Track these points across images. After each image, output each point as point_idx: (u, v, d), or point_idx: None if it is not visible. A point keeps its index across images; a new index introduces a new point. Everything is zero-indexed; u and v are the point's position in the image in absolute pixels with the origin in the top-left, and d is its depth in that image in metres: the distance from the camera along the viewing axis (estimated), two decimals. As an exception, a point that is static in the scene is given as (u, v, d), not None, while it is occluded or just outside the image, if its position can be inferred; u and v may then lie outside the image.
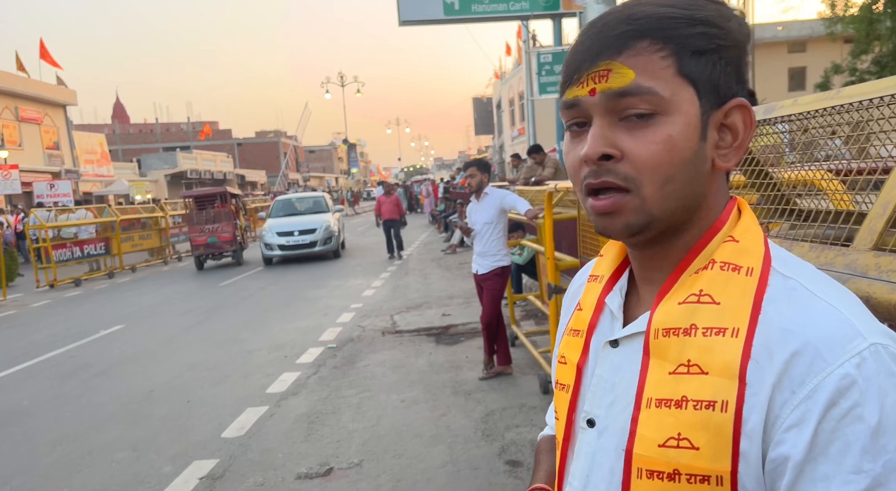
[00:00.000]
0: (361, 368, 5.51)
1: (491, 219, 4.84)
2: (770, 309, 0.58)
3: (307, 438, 4.06)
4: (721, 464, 0.56)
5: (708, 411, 0.57)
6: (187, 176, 40.08)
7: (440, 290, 9.16)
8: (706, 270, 0.62)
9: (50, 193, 21.52)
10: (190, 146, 48.32)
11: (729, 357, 0.57)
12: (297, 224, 13.59)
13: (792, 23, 29.37)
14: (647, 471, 0.60)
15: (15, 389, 5.67)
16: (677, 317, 0.61)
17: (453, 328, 6.70)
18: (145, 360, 6.37)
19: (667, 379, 0.60)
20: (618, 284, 0.71)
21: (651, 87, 0.59)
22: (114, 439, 4.26)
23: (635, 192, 0.60)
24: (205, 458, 3.83)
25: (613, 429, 0.65)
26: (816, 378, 0.53)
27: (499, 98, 41.51)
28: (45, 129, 26.86)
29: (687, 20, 0.59)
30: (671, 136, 0.59)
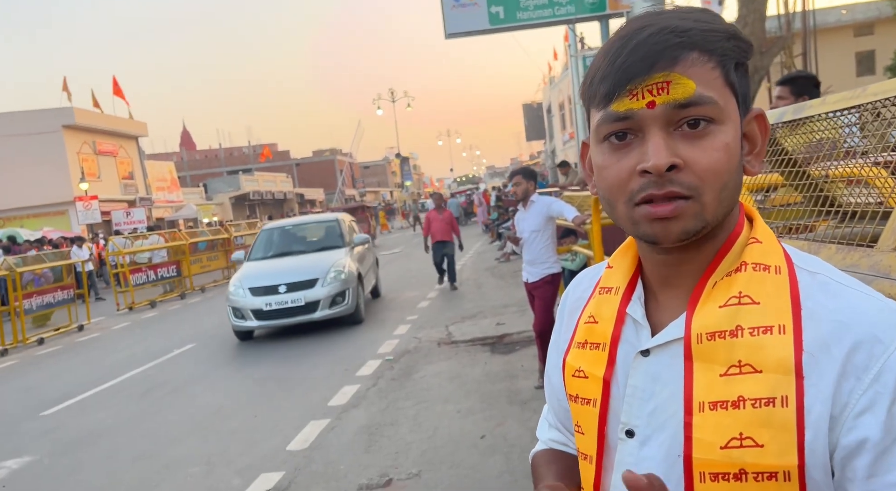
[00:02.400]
0: (418, 380, 5.59)
1: (538, 227, 4.83)
2: (810, 303, 0.60)
3: (367, 449, 4.15)
4: (788, 459, 0.57)
5: (768, 408, 0.58)
6: (250, 197, 41.65)
7: (494, 299, 9.15)
8: (740, 272, 0.63)
9: (126, 221, 22.88)
10: (251, 169, 50.24)
11: (782, 353, 0.59)
12: (286, 272, 8.23)
13: (856, 5, 27.87)
14: (710, 474, 0.60)
15: (99, 408, 6.05)
16: (720, 320, 0.62)
17: (508, 337, 6.69)
18: (214, 377, 6.67)
19: (718, 381, 0.61)
20: (635, 293, 0.71)
21: (711, 97, 0.60)
22: (188, 454, 4.48)
23: (696, 199, 0.61)
24: (271, 470, 3.97)
25: (661, 437, 0.65)
26: (879, 362, 0.56)
27: (548, 103, 41.21)
28: (121, 160, 28.59)
29: (724, 34, 0.62)
30: (728, 144, 0.61)
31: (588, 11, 15.98)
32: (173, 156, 53.35)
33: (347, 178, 60.05)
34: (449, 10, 14.37)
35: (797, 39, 14.54)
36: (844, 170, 1.45)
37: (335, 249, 9.04)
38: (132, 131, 29.68)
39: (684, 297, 0.67)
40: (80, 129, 25.48)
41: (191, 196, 36.40)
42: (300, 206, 48.46)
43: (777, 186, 1.56)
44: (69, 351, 9.34)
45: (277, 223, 10.79)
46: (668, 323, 0.67)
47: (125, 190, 28.38)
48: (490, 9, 15.17)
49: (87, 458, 4.70)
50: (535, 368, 5.24)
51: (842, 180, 1.43)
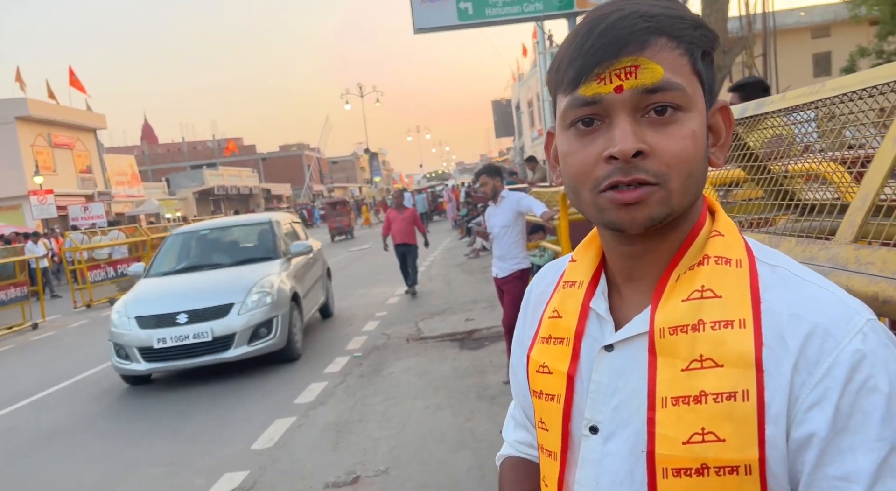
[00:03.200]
0: (387, 376, 5.56)
1: (508, 222, 4.85)
2: (769, 296, 0.60)
3: (335, 447, 4.11)
4: (749, 452, 0.57)
5: (729, 402, 0.58)
6: (214, 192, 40.88)
7: (463, 294, 9.17)
8: (702, 265, 0.63)
9: (84, 216, 22.21)
10: (216, 163, 49.30)
11: (742, 347, 0.58)
12: (191, 294, 6.13)
13: (814, 7, 28.75)
14: (672, 470, 0.60)
15: (57, 407, 5.86)
16: (683, 314, 0.61)
17: (477, 333, 6.71)
18: (177, 376, 6.51)
19: (680, 376, 0.60)
20: (599, 287, 0.70)
21: (679, 83, 0.59)
22: (149, 454, 4.37)
23: (662, 186, 0.60)
24: (235, 470, 3.90)
25: (624, 433, 0.64)
26: (829, 357, 0.56)
27: (517, 100, 41.45)
28: (78, 153, 27.71)
29: (691, 22, 0.61)
30: (695, 132, 0.60)
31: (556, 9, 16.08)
32: (134, 149, 51.98)
33: (315, 174, 59.42)
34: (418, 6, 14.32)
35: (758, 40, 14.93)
36: (803, 165, 1.48)
37: (264, 261, 6.75)
38: (90, 123, 28.79)
39: (648, 290, 0.66)
40: (34, 121, 24.60)
41: (152, 191, 35.53)
42: (266, 202, 47.77)
43: (739, 182, 1.59)
44: (23, 350, 9.03)
45: (192, 227, 8.20)
46: (631, 317, 0.66)
47: (83, 184, 27.52)
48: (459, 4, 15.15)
49: (45, 458, 4.55)
50: (504, 363, 5.26)
51: (800, 176, 1.47)
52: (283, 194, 53.30)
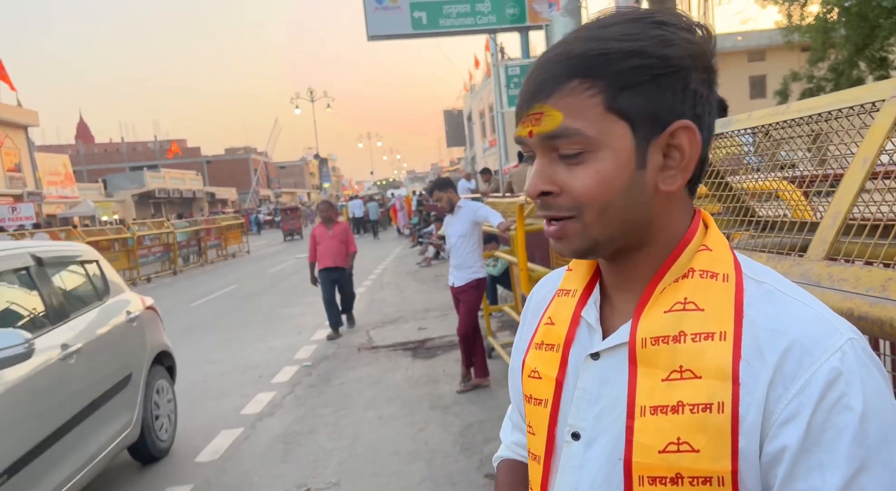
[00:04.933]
0: (337, 386, 5.46)
1: (465, 231, 4.86)
2: (752, 311, 0.61)
3: (284, 459, 3.99)
4: (722, 464, 0.58)
5: (705, 414, 0.58)
6: (155, 195, 39.46)
7: (416, 303, 9.14)
8: (687, 278, 0.64)
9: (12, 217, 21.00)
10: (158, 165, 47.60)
11: (720, 360, 0.59)
12: None
13: (751, 32, 30.29)
14: (648, 478, 0.61)
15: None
16: (665, 325, 0.62)
17: (430, 342, 6.68)
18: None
19: (660, 386, 0.61)
20: (591, 297, 0.72)
21: (578, 129, 0.61)
22: (83, 469, 4.12)
23: (578, 218, 0.63)
24: (178, 484, 3.74)
25: (604, 440, 0.65)
26: (807, 373, 0.56)
27: (469, 110, 41.83)
28: (6, 151, 26.19)
29: (621, 54, 0.60)
30: (599, 171, 0.62)
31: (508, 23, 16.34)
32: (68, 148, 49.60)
33: (262, 178, 58.19)
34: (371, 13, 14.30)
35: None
36: (761, 183, 1.53)
37: None
38: (20, 120, 27.27)
39: (636, 301, 0.67)
40: (-41, 115, 23.13)
41: (88, 192, 33.98)
42: (210, 206, 46.42)
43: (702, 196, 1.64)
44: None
45: None
46: (619, 327, 0.68)
47: (11, 183, 26.01)
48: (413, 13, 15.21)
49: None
50: (458, 372, 5.26)
51: (760, 193, 1.52)
52: (229, 198, 51.92)
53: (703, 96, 0.64)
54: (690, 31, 0.63)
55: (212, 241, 20.50)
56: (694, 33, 0.63)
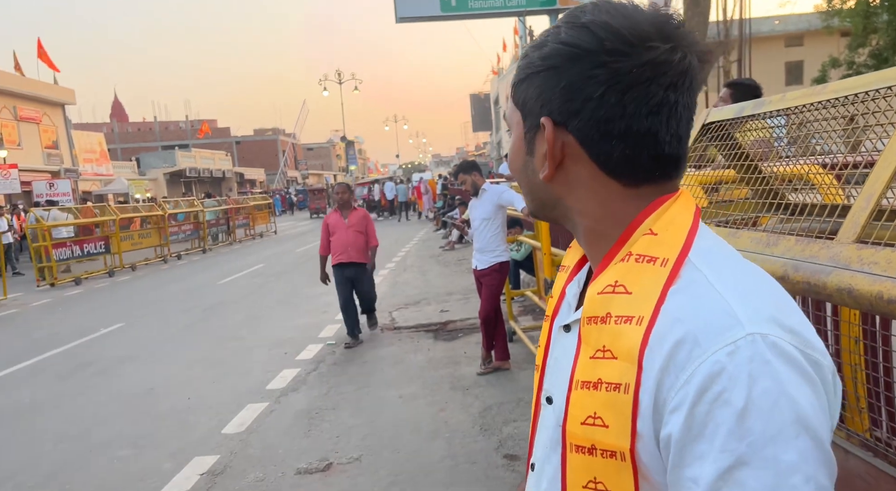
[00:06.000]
0: (360, 365, 5.54)
1: (488, 215, 4.85)
2: (671, 299, 0.61)
3: (307, 433, 4.08)
4: (622, 441, 0.61)
5: (615, 393, 0.62)
6: (186, 174, 40.05)
7: (438, 286, 9.18)
8: (623, 262, 0.66)
9: (49, 193, 21.52)
10: (189, 145, 48.26)
11: (631, 343, 0.61)
12: None
13: (789, 16, 29.35)
14: (575, 446, 0.66)
15: (17, 386, 5.69)
16: (597, 305, 0.66)
17: (451, 324, 6.72)
18: (145, 357, 6.39)
19: (589, 363, 0.65)
20: (578, 274, 0.78)
21: (506, 113, 0.76)
22: (115, 437, 4.28)
23: None
24: (205, 454, 3.85)
25: (558, 406, 0.71)
26: (693, 365, 0.57)
27: (496, 94, 41.45)
28: (44, 128, 26.82)
29: (525, 61, 0.70)
30: (510, 148, 0.74)
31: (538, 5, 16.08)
32: (103, 127, 50.53)
33: (290, 160, 58.64)
34: (402, -6, 14.18)
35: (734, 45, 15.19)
36: (792, 167, 1.50)
37: None
38: (58, 98, 27.88)
39: None
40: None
41: (122, 170, 34.65)
42: (239, 186, 47.00)
43: (731, 181, 1.61)
44: (-17, 328, 8.74)
45: None
46: None
47: (49, 160, 26.67)
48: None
49: (6, 437, 4.42)
50: (478, 354, 5.29)
51: (791, 177, 1.49)
52: (257, 179, 52.51)
53: (581, 91, 0.64)
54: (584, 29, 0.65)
55: (240, 220, 20.81)
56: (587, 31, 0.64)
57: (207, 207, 18.65)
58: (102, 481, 3.61)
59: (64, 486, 3.59)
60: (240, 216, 20.78)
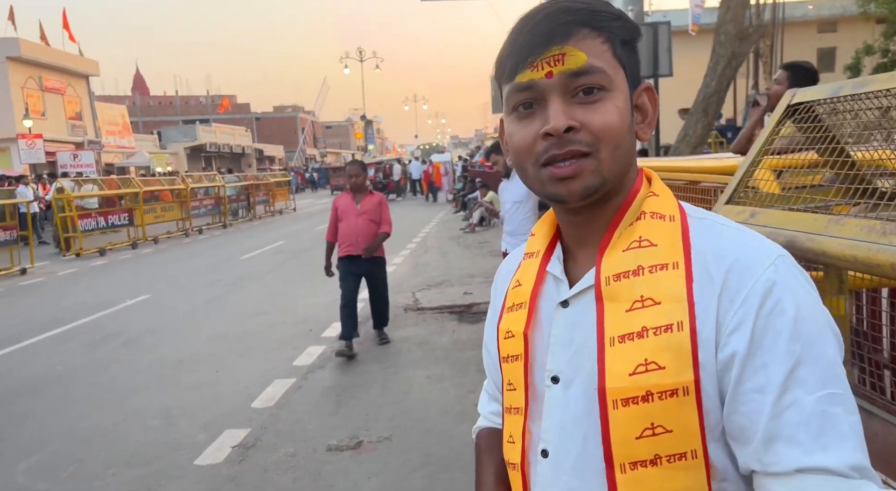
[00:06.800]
0: (385, 344, 5.54)
1: (520, 197, 4.79)
2: (697, 242, 0.69)
3: (336, 410, 4.09)
4: (685, 375, 0.65)
5: (667, 334, 0.66)
6: (206, 149, 40.24)
7: (461, 268, 9.15)
8: (640, 220, 0.72)
9: (73, 163, 21.79)
10: (209, 119, 48.43)
11: (675, 285, 0.67)
12: None
13: (823, 1, 28.51)
14: (621, 401, 0.67)
15: (48, 354, 5.78)
16: (624, 262, 0.70)
17: (476, 307, 6.69)
18: (172, 330, 6.46)
19: (625, 317, 0.68)
20: (554, 253, 0.79)
21: (602, 67, 0.69)
22: (146, 406, 4.33)
23: (594, 156, 0.69)
24: (236, 427, 3.88)
25: (580, 377, 0.71)
26: (747, 286, 0.65)
27: (519, 76, 41.03)
28: (69, 99, 27.03)
29: (610, 15, 0.71)
30: (618, 108, 0.70)
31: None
32: (125, 99, 50.78)
33: (309, 137, 58.66)
34: (428, -31, 13.97)
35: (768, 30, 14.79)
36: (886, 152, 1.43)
37: None
38: (82, 69, 28.05)
39: (594, 253, 0.74)
40: (25, 63, 23.90)
41: (143, 143, 34.90)
42: (258, 163, 47.16)
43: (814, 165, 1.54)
44: (12, 294, 8.89)
45: None
46: (582, 277, 0.75)
47: (72, 131, 26.92)
48: (470, -29, 14.79)
49: (40, 404, 4.49)
50: (504, 337, 5.26)
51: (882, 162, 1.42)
52: (276, 156, 52.63)
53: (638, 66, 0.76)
54: None
55: (260, 197, 20.90)
56: None
57: (228, 183, 18.74)
58: (137, 449, 3.65)
59: (99, 453, 3.64)
60: (259, 193, 20.86)
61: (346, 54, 44.41)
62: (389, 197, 25.65)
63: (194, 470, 3.37)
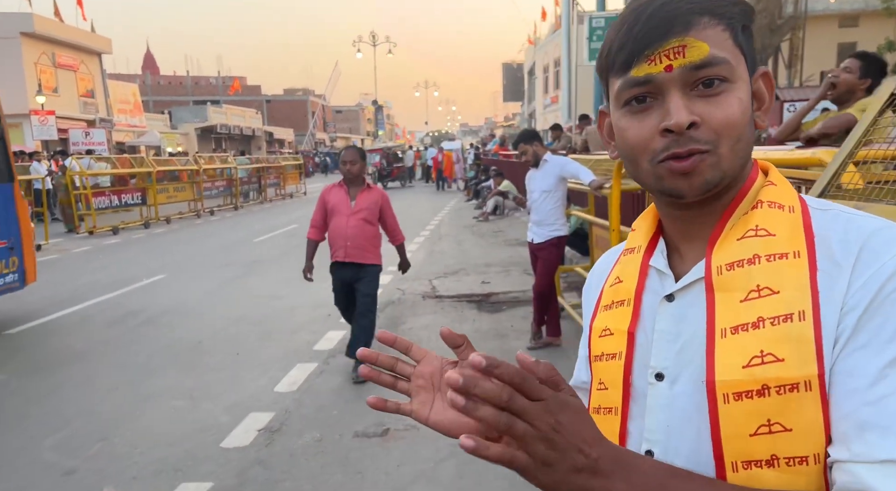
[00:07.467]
0: (406, 331, 5.51)
1: (549, 187, 4.72)
2: (821, 231, 0.66)
3: (359, 396, 4.07)
4: (808, 368, 0.61)
5: (786, 324, 0.62)
6: (217, 130, 40.18)
7: (476, 257, 9.09)
8: (756, 209, 0.69)
9: (85, 141, 21.78)
10: (220, 101, 48.30)
11: (797, 274, 0.64)
12: None
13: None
14: (734, 394, 0.63)
15: (67, 332, 5.78)
16: (739, 251, 0.67)
17: (494, 296, 6.65)
18: (190, 310, 6.44)
19: (739, 307, 0.65)
20: (657, 248, 0.76)
21: (724, 57, 0.65)
22: (168, 386, 4.32)
23: (713, 152, 0.65)
24: (260, 410, 3.86)
25: (688, 372, 0.68)
26: (871, 269, 0.61)
27: (531, 64, 40.59)
28: (81, 76, 26.98)
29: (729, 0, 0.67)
30: (741, 99, 0.66)
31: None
32: (136, 78, 50.66)
33: (319, 121, 58.47)
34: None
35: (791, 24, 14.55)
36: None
37: None
38: (95, 46, 27.96)
39: (702, 247, 0.72)
40: (39, 39, 23.83)
41: (154, 123, 34.87)
42: (268, 146, 47.08)
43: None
44: (27, 272, 8.89)
45: None
46: (688, 272, 0.71)
47: (84, 108, 26.89)
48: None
49: (61, 381, 4.49)
50: (526, 329, 5.22)
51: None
52: (286, 139, 52.52)
53: None
54: None
55: (271, 179, 20.86)
56: None
57: (240, 165, 18.71)
58: (162, 430, 3.64)
59: (124, 432, 3.63)
60: (270, 175, 20.81)
61: (359, 38, 44.11)
62: (391, 185, 25.40)
63: (221, 452, 3.35)
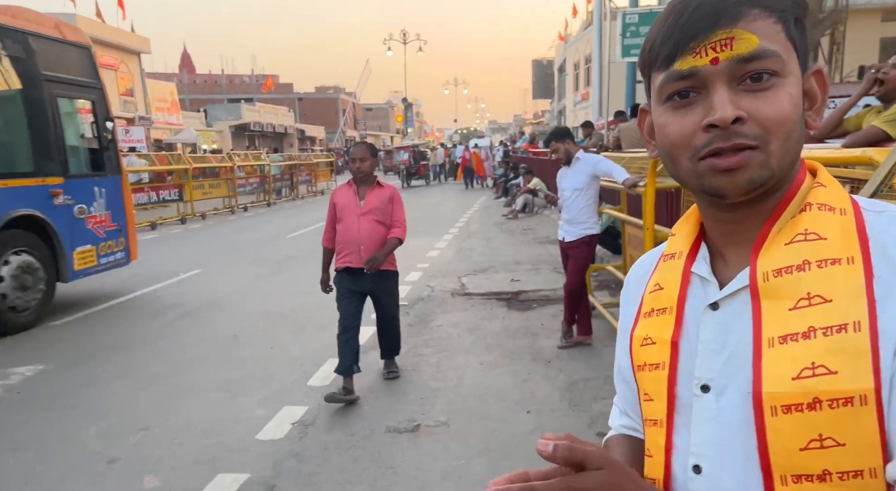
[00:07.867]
0: (435, 328, 5.54)
1: (581, 185, 4.69)
2: (876, 235, 0.62)
3: (391, 393, 4.12)
4: (863, 382, 0.58)
5: (840, 335, 0.59)
6: (250, 128, 40.82)
7: (506, 255, 9.08)
8: (805, 212, 0.65)
9: (125, 139, 22.31)
10: (253, 99, 49.08)
11: (852, 281, 0.60)
12: None
13: (891, -11, 27.06)
14: (782, 407, 0.60)
15: (108, 324, 5.97)
16: (787, 256, 0.63)
17: (524, 294, 6.64)
18: (225, 304, 6.59)
19: (788, 316, 0.62)
20: (699, 254, 0.73)
21: (775, 50, 0.62)
22: (206, 379, 4.43)
23: (762, 149, 0.62)
24: (294, 404, 3.94)
25: (735, 384, 0.65)
26: None
27: (562, 61, 40.22)
28: (121, 75, 27.67)
29: None
30: (792, 95, 0.63)
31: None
32: (173, 77, 51.75)
33: (350, 119, 58.96)
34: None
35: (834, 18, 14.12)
36: None
37: None
38: (135, 46, 28.64)
39: (747, 252, 0.68)
40: (81, 39, 24.52)
41: (190, 120, 35.58)
42: (300, 143, 47.66)
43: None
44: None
45: None
46: (732, 278, 0.68)
47: (124, 107, 27.58)
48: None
49: (101, 372, 4.64)
50: (556, 327, 5.21)
51: None
52: (317, 137, 53.09)
53: None
54: None
55: (303, 176, 21.14)
56: None
57: (273, 162, 19.01)
58: (200, 421, 3.74)
59: (163, 423, 3.74)
60: (302, 173, 21.08)
61: (389, 36, 44.31)
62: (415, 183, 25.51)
63: (256, 444, 3.43)
